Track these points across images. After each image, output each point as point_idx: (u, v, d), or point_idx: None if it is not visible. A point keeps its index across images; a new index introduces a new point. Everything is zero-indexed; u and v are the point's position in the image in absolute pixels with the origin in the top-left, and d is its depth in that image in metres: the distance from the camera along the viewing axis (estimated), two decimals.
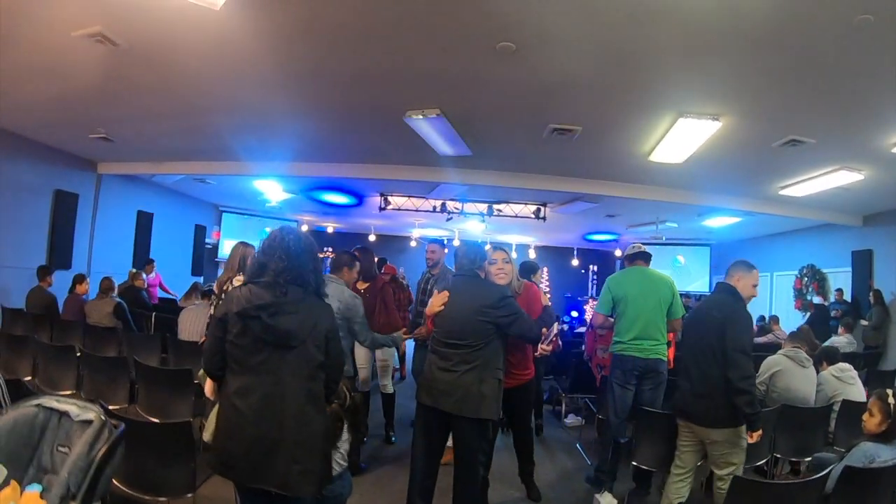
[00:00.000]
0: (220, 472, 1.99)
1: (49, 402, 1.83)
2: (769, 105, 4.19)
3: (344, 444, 2.35)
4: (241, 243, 4.15)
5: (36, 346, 4.64)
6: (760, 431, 2.75)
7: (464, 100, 4.46)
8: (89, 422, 1.76)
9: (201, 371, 2.37)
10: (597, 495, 3.44)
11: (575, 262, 13.30)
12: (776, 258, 9.84)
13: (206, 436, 2.16)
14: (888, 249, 7.34)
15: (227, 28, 3.40)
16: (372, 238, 12.46)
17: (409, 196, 8.68)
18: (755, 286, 2.96)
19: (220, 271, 11.55)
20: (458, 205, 8.71)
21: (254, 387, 1.94)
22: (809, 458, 3.54)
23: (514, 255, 12.50)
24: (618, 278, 3.81)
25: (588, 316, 9.84)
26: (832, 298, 8.34)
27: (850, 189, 6.23)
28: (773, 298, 9.87)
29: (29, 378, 4.45)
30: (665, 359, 3.66)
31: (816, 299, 8.77)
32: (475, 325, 2.78)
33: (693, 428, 2.93)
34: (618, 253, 11.98)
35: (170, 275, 9.06)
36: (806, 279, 8.92)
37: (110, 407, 3.13)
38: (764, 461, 3.54)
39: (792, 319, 8.62)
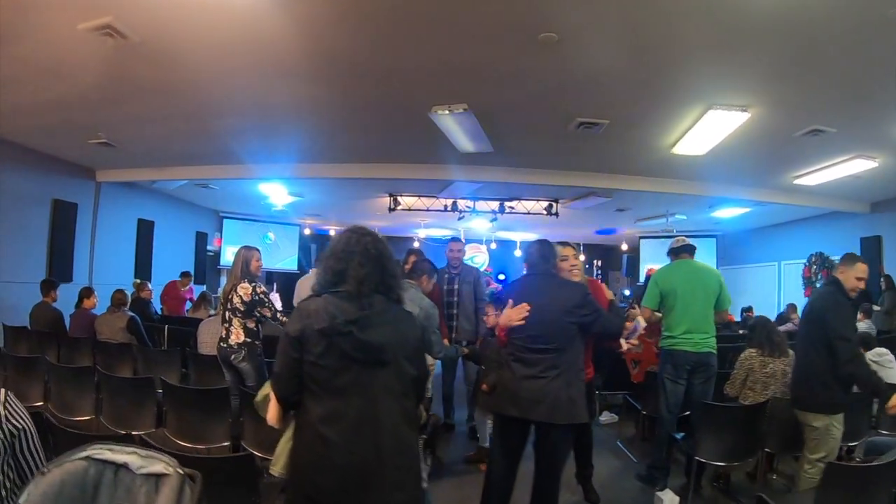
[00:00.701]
0: None
1: (100, 451, 1.44)
2: (796, 95, 4.34)
3: (425, 467, 2.28)
4: (244, 247, 4.19)
5: (47, 367, 4.40)
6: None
7: (494, 94, 4.53)
8: (159, 476, 1.40)
9: (260, 396, 2.14)
10: (658, 493, 3.54)
11: (582, 258, 13.45)
12: (783, 247, 10.09)
13: (276, 469, 2.00)
14: None
15: (256, 20, 3.35)
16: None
17: (420, 196, 8.75)
18: (859, 279, 3.13)
19: (224, 279, 11.55)
20: (470, 203, 8.81)
21: (343, 411, 1.75)
22: (856, 443, 3.69)
23: (517, 252, 12.64)
24: (665, 273, 3.95)
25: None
26: None
27: (860, 177, 6.44)
28: (782, 287, 10.10)
29: (41, 403, 4.25)
30: (715, 351, 3.80)
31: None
32: (563, 326, 2.74)
33: (796, 413, 3.14)
34: (623, 247, 12.16)
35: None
36: (815, 267, 9.15)
37: (135, 433, 3.13)
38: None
39: (802, 308, 8.83)
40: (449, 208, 8.80)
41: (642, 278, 12.10)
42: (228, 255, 11.18)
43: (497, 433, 2.93)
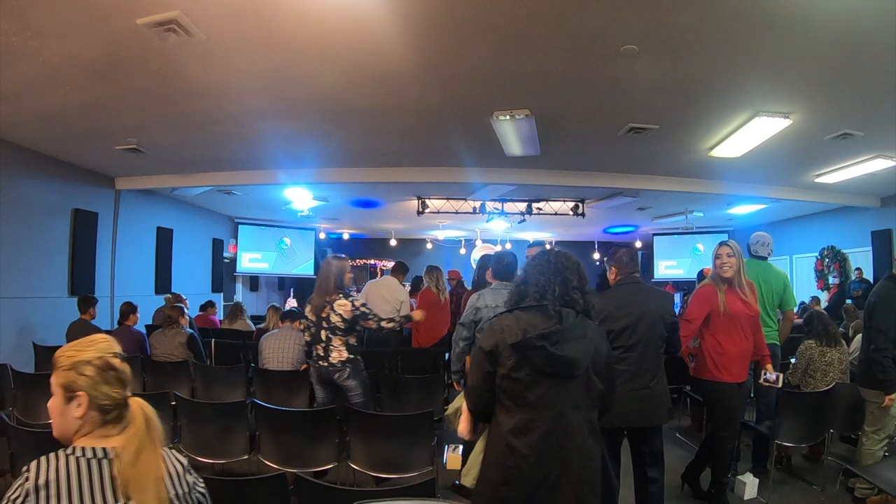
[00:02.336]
0: None
1: None
2: (834, 102, 4.88)
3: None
4: (335, 258, 4.15)
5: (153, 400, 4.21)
6: (893, 396, 3.53)
7: (557, 101, 4.92)
8: None
9: (451, 409, 2.37)
10: (739, 477, 4.06)
11: (596, 256, 14.11)
12: (795, 241, 10.84)
13: (468, 481, 2.15)
14: None
15: (348, 24, 3.44)
16: (393, 243, 12.96)
17: (448, 198, 9.22)
18: None
19: (239, 286, 11.85)
20: (498, 205, 9.30)
21: (533, 424, 1.91)
22: None
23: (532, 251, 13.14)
24: None
25: None
26: (853, 277, 9.30)
27: (875, 174, 7.10)
28: (794, 280, 10.81)
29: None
30: (778, 342, 4.36)
31: (833, 279, 9.73)
32: (660, 332, 3.10)
33: (860, 390, 3.75)
34: (637, 244, 12.81)
35: (191, 293, 9.03)
36: (827, 260, 9.88)
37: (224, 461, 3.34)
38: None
39: (823, 300, 9.54)
40: (477, 210, 9.29)
41: (656, 275, 12.79)
42: (244, 262, 11.49)
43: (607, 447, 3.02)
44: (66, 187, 7.17)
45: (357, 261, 14.74)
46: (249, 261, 11.63)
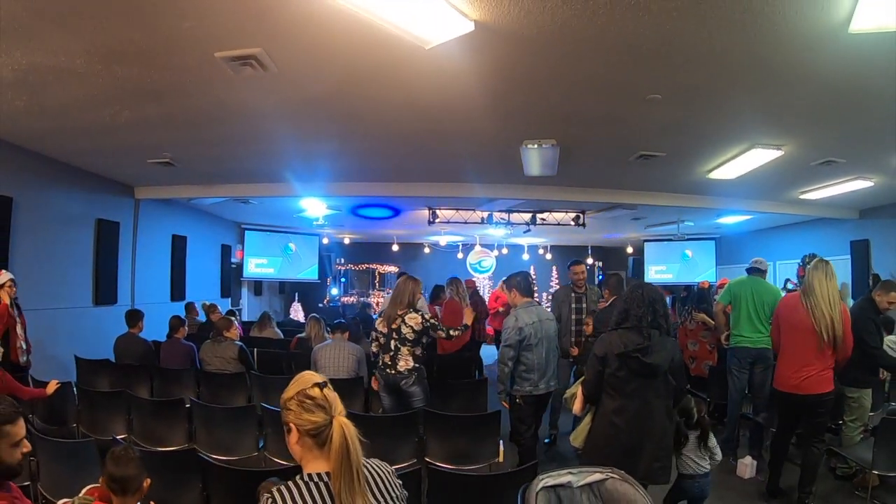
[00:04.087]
0: None
1: (546, 480, 2.12)
2: (820, 137, 5.74)
3: (694, 453, 3.44)
4: (411, 279, 4.80)
5: (211, 412, 4.46)
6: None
7: (581, 133, 5.66)
8: (600, 482, 2.14)
9: (568, 394, 3.59)
10: (740, 460, 5.00)
11: (590, 261, 15.08)
12: (778, 248, 11.89)
13: (577, 443, 3.36)
14: (883, 239, 9.41)
15: (426, 65, 3.87)
16: (395, 248, 13.71)
17: (458, 209, 10.00)
18: (891, 303, 4.60)
19: (245, 290, 12.43)
20: (504, 216, 10.13)
21: (627, 407, 3.05)
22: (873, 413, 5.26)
23: (525, 255, 14.06)
24: (738, 283, 5.58)
25: None
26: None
27: (855, 191, 8.10)
28: (777, 285, 11.85)
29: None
30: (769, 347, 5.27)
31: (791, 285, 10.79)
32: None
33: (841, 388, 4.58)
34: (629, 250, 13.80)
35: (202, 299, 9.65)
36: (809, 267, 10.89)
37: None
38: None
39: None
40: (485, 220, 10.11)
41: (647, 279, 13.77)
42: (251, 267, 12.07)
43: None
44: (90, 197, 7.51)
45: (360, 265, 15.46)
46: (256, 266, 12.21)
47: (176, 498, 3.10)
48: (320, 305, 13.45)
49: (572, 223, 10.34)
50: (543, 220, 10.31)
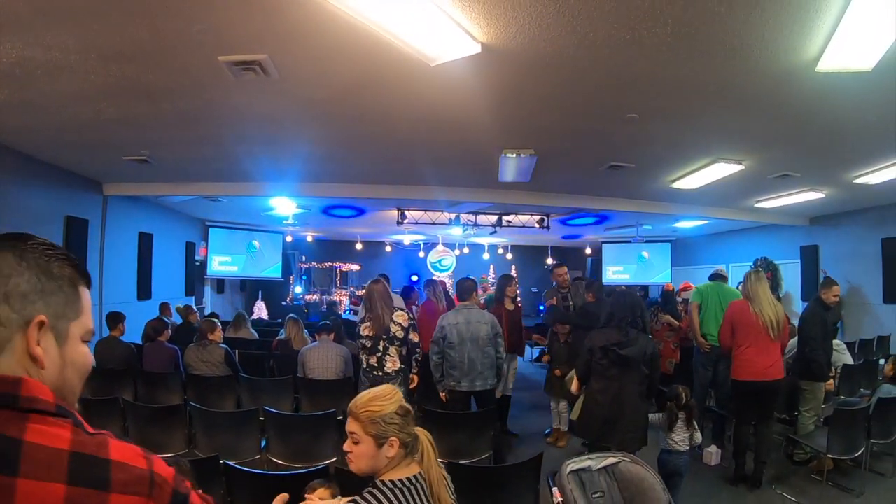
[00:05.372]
0: (581, 435, 4.42)
1: (571, 465, 2.57)
2: (779, 153, 6.31)
3: (680, 433, 4.00)
4: (382, 281, 4.95)
5: (211, 416, 4.47)
6: (830, 382, 5.36)
7: (559, 145, 6.01)
8: (614, 465, 2.62)
9: (568, 378, 4.69)
10: (706, 449, 5.48)
11: (549, 261, 15.55)
12: (732, 251, 12.67)
13: (574, 416, 4.40)
14: (830, 245, 10.25)
15: (422, 81, 4.09)
16: (359, 246, 13.88)
17: (426, 210, 10.28)
18: (835, 295, 5.36)
19: (207, 289, 12.37)
20: (472, 217, 10.45)
21: (608, 388, 4.03)
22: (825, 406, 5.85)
23: (486, 255, 14.48)
24: (705, 286, 6.23)
25: None
26: (783, 286, 11.16)
27: (807, 201, 8.76)
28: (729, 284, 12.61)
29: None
30: None
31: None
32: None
33: (798, 381, 5.24)
34: (588, 251, 14.34)
35: (167, 298, 9.47)
36: (761, 269, 11.63)
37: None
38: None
39: None
40: (452, 222, 10.42)
41: (605, 280, 14.36)
42: (215, 265, 12.03)
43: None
44: (59, 194, 7.27)
45: (323, 264, 15.55)
46: (219, 264, 12.14)
47: None
48: (283, 304, 13.54)
49: (536, 225, 10.75)
50: (509, 222, 10.70)
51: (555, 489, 2.49)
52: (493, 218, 10.65)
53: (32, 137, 6.02)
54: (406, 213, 10.31)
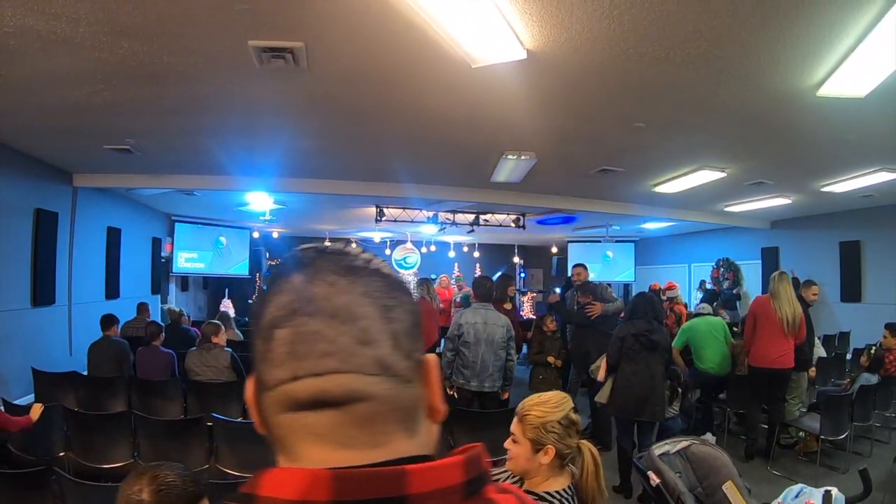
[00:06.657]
0: (617, 415, 4.95)
1: (656, 451, 2.99)
2: (760, 163, 6.72)
3: (676, 403, 4.91)
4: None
5: (238, 429, 4.21)
6: (813, 370, 5.98)
7: (558, 150, 6.22)
8: (686, 448, 3.00)
9: (595, 365, 5.33)
10: (703, 437, 5.72)
11: (516, 260, 15.84)
12: (694, 251, 13.28)
13: (602, 399, 4.97)
14: (791, 247, 10.95)
15: (455, 80, 4.10)
16: (327, 242, 13.72)
17: (405, 208, 10.32)
18: (815, 294, 5.98)
19: (172, 286, 11.98)
20: (450, 216, 10.57)
21: (638, 370, 4.77)
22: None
23: (451, 253, 14.61)
24: (688, 325, 6.67)
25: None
26: (744, 286, 11.84)
27: (773, 206, 9.28)
28: (692, 285, 13.20)
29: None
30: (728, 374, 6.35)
31: (709, 285, 12.15)
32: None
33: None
34: (554, 250, 14.68)
35: (135, 297, 9.29)
36: (722, 269, 12.27)
37: None
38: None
39: None
40: (429, 220, 10.53)
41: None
42: (181, 262, 11.70)
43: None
44: (28, 184, 6.81)
45: None
46: (186, 260, 11.79)
47: None
48: (250, 302, 13.09)
49: (513, 225, 10.99)
50: (486, 221, 10.88)
51: (650, 472, 2.77)
52: (471, 217, 10.79)
53: (6, 122, 5.53)
54: (385, 210, 10.33)
